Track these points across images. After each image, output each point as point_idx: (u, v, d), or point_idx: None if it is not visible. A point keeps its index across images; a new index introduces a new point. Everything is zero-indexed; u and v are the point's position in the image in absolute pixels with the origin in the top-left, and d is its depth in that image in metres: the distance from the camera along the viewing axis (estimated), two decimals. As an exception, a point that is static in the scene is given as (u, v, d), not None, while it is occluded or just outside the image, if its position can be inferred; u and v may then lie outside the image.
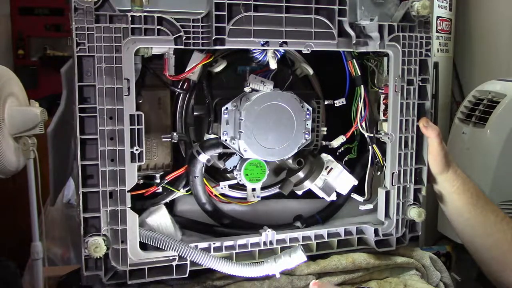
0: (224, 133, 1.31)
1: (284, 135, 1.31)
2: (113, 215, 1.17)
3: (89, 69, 1.13)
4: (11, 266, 1.74)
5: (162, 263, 1.23)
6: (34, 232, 1.53)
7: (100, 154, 1.15)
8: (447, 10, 3.29)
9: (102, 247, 1.15)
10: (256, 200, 1.42)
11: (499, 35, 3.22)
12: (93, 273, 1.19)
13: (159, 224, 1.30)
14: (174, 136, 1.33)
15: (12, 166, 1.47)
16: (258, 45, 1.23)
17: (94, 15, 1.11)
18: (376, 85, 1.47)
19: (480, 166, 2.44)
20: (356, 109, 1.42)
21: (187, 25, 1.17)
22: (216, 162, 1.39)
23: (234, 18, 1.18)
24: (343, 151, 1.49)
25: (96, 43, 1.12)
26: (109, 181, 1.16)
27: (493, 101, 2.48)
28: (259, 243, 1.32)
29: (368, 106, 1.42)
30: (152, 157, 1.33)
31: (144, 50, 1.20)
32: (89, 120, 1.14)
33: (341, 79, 1.45)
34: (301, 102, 1.33)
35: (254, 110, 1.28)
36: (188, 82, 1.36)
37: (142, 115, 1.17)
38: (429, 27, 1.36)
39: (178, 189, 1.35)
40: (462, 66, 3.49)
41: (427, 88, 1.37)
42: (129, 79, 1.15)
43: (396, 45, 1.31)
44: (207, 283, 1.29)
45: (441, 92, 3.23)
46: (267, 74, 1.38)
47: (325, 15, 1.26)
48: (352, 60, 1.38)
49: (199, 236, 1.38)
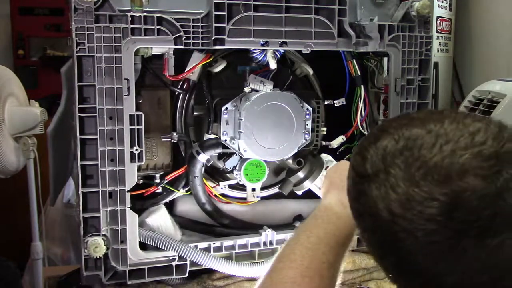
0: (224, 133, 1.31)
1: (284, 135, 1.31)
2: (113, 215, 1.17)
3: (89, 69, 1.13)
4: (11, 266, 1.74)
5: (162, 263, 1.23)
6: (34, 232, 1.52)
7: (100, 154, 1.15)
8: (447, 10, 3.28)
9: (102, 247, 1.15)
10: (256, 200, 1.42)
11: (499, 35, 3.22)
12: (92, 273, 1.19)
13: (159, 224, 1.30)
14: (174, 136, 1.33)
15: (12, 166, 1.47)
16: (258, 45, 1.23)
17: (94, 15, 1.11)
18: (376, 85, 1.47)
19: (480, 166, 2.43)
20: (356, 109, 1.42)
21: (187, 25, 1.17)
22: (216, 162, 1.39)
23: (234, 18, 1.18)
24: (343, 151, 1.49)
25: (96, 43, 1.12)
26: (109, 181, 1.16)
27: (493, 101, 2.47)
28: (259, 243, 1.31)
29: (368, 106, 1.41)
30: (152, 157, 1.33)
31: (144, 50, 1.20)
32: (89, 120, 1.14)
33: (341, 79, 1.45)
34: (301, 102, 1.33)
35: (254, 110, 1.28)
36: (188, 82, 1.36)
37: (142, 115, 1.17)
38: (429, 27, 1.36)
39: (178, 189, 1.35)
40: (462, 66, 3.48)
41: (427, 88, 1.37)
42: (129, 79, 1.15)
43: (396, 45, 1.31)
44: (207, 283, 1.29)
45: (441, 92, 3.22)
46: (267, 74, 1.38)
47: (325, 15, 1.26)
48: (352, 60, 1.38)
49: (199, 236, 1.38)
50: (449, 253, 0.53)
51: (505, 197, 0.52)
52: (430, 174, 0.53)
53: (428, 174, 0.54)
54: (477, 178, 0.52)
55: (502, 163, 0.53)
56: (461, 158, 0.53)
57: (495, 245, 0.52)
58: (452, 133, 0.56)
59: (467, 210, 0.52)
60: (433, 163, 0.54)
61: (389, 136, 0.58)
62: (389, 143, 0.58)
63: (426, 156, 0.55)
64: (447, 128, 0.56)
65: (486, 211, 0.51)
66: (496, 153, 0.53)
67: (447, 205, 0.52)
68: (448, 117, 0.58)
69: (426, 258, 0.54)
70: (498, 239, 0.52)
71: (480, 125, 0.56)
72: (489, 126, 0.56)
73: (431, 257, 0.54)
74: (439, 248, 0.53)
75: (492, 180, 0.52)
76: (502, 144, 0.54)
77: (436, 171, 0.53)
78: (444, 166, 0.53)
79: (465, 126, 0.56)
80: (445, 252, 0.53)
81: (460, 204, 0.52)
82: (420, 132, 0.57)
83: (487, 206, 0.51)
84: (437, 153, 0.54)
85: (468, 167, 0.53)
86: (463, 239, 0.52)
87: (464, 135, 0.55)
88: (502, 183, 0.52)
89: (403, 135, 0.58)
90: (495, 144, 0.54)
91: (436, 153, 0.54)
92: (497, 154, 0.53)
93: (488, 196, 0.51)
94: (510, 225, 0.52)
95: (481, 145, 0.54)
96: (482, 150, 0.53)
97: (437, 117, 0.59)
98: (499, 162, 0.53)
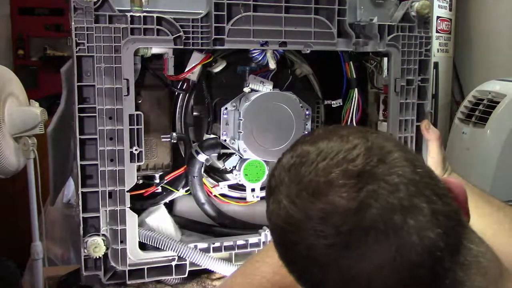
0: (224, 133, 1.31)
1: (283, 135, 1.31)
2: (113, 215, 1.17)
3: (88, 69, 1.13)
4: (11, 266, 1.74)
5: (161, 263, 1.23)
6: (34, 232, 1.53)
7: (100, 154, 1.15)
8: (447, 10, 3.29)
9: (102, 247, 1.15)
10: (255, 200, 1.42)
11: (499, 35, 3.22)
12: (92, 273, 1.19)
13: (159, 224, 1.30)
14: (173, 136, 1.33)
15: (12, 166, 1.47)
16: (258, 45, 1.23)
17: (94, 15, 1.11)
18: (375, 85, 1.47)
19: (480, 166, 2.44)
20: (346, 111, 1.42)
21: (187, 25, 1.17)
22: (216, 162, 1.39)
23: (233, 18, 1.18)
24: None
25: (96, 43, 1.12)
26: (108, 181, 1.16)
27: (493, 101, 2.48)
28: (258, 243, 1.31)
29: (361, 108, 1.42)
30: (151, 157, 1.33)
31: (143, 50, 1.21)
32: (88, 120, 1.14)
33: (340, 80, 1.45)
34: (300, 102, 1.33)
35: (253, 111, 1.28)
36: (187, 82, 1.36)
37: (141, 115, 1.18)
38: (428, 27, 1.36)
39: (177, 189, 1.35)
40: (462, 66, 3.49)
41: (427, 88, 1.37)
42: (129, 79, 1.15)
43: (395, 45, 1.31)
44: (207, 283, 1.29)
45: (441, 92, 3.23)
46: (267, 74, 1.38)
47: (324, 15, 1.26)
48: (349, 61, 1.38)
49: (198, 236, 1.38)
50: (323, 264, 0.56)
51: (364, 212, 0.53)
52: (304, 190, 0.56)
53: (303, 191, 0.56)
54: (339, 195, 0.54)
55: (365, 180, 0.54)
56: (328, 176, 0.55)
57: (357, 256, 0.54)
58: (332, 149, 0.57)
59: (330, 225, 0.54)
60: (307, 180, 0.56)
61: (289, 153, 0.61)
62: (286, 159, 0.61)
63: (303, 174, 0.57)
64: (332, 145, 0.58)
65: (345, 226, 0.53)
66: (360, 171, 0.55)
67: (316, 220, 0.55)
68: (337, 133, 0.60)
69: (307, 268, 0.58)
70: (358, 251, 0.54)
71: (357, 142, 0.57)
72: (366, 142, 0.57)
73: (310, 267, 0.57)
74: (315, 259, 0.56)
75: (352, 197, 0.54)
76: (368, 161, 0.55)
77: (308, 188, 0.56)
78: (314, 184, 0.56)
79: (347, 142, 0.58)
80: (320, 262, 0.56)
81: (325, 220, 0.54)
82: (308, 149, 0.59)
83: (346, 221, 0.54)
84: (312, 170, 0.56)
85: (333, 185, 0.54)
86: (332, 251, 0.55)
87: (340, 152, 0.57)
88: (361, 199, 0.53)
89: (296, 152, 0.60)
90: (362, 161, 0.55)
91: (311, 170, 0.56)
92: (360, 172, 0.55)
93: (347, 212, 0.53)
94: (367, 238, 0.54)
95: (350, 162, 0.55)
96: (348, 168, 0.55)
97: (328, 135, 0.60)
98: (362, 180, 0.54)
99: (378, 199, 0.54)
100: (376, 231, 0.54)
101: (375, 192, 0.54)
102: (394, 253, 0.54)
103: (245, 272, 0.86)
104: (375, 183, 0.54)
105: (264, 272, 0.83)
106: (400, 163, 0.57)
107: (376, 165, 0.55)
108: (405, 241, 0.54)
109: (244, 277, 0.85)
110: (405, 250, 0.54)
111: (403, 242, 0.54)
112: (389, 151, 0.57)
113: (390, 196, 0.54)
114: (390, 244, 0.54)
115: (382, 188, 0.54)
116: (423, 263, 0.55)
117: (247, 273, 0.85)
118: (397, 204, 0.54)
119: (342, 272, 0.56)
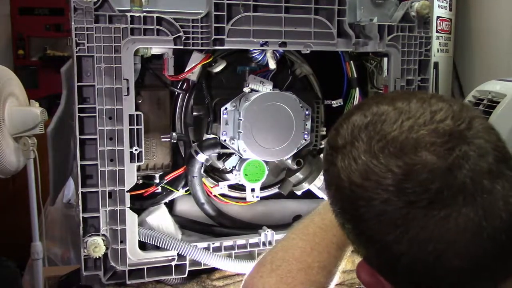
0: (224, 133, 1.31)
1: (283, 136, 1.31)
2: (112, 215, 1.17)
3: (88, 69, 1.13)
4: (11, 266, 1.74)
5: (161, 263, 1.23)
6: (34, 232, 1.53)
7: (100, 154, 1.15)
8: (447, 10, 3.28)
9: (101, 247, 1.15)
10: (255, 200, 1.42)
11: (499, 35, 3.22)
12: (92, 273, 1.19)
13: (159, 223, 1.30)
14: (173, 136, 1.33)
15: (12, 166, 1.47)
16: (258, 45, 1.23)
17: (94, 15, 1.11)
18: (375, 85, 1.47)
19: (480, 166, 2.43)
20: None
21: (187, 25, 1.17)
22: (215, 162, 1.39)
23: (233, 18, 1.18)
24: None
25: (96, 43, 1.12)
26: (108, 181, 1.16)
27: (493, 101, 2.47)
28: (258, 243, 1.32)
29: None
30: (151, 157, 1.33)
31: (143, 50, 1.21)
32: (88, 120, 1.14)
33: (341, 80, 1.45)
34: (300, 102, 1.33)
35: (253, 111, 1.28)
36: (187, 82, 1.36)
37: (141, 115, 1.18)
38: (428, 27, 1.36)
39: (177, 189, 1.35)
40: (462, 66, 3.48)
41: (427, 88, 1.37)
42: (129, 79, 1.15)
43: (395, 45, 1.31)
44: (206, 283, 1.29)
45: (441, 92, 3.22)
46: (267, 75, 1.38)
47: (324, 15, 1.26)
48: (349, 61, 1.38)
49: (198, 236, 1.38)
50: (399, 222, 0.55)
51: (455, 173, 0.53)
52: (387, 147, 0.56)
53: (386, 147, 0.57)
54: (429, 153, 0.54)
55: (456, 140, 0.55)
56: (417, 134, 0.56)
57: (441, 217, 0.54)
58: (415, 110, 0.58)
59: (416, 182, 0.54)
60: (391, 137, 0.57)
61: (360, 112, 0.62)
62: (358, 118, 0.62)
63: (386, 131, 0.58)
64: (412, 106, 0.59)
65: (434, 184, 0.53)
66: (451, 131, 0.55)
67: (400, 176, 0.55)
68: (416, 96, 0.61)
69: (379, 226, 0.57)
70: (444, 212, 0.54)
71: (442, 105, 0.58)
72: (452, 106, 0.58)
73: (383, 225, 0.57)
74: (391, 217, 0.56)
75: (443, 156, 0.54)
76: (459, 123, 0.56)
77: (393, 144, 0.56)
78: (400, 140, 0.56)
79: (429, 105, 0.59)
80: (396, 221, 0.55)
81: (411, 176, 0.54)
82: (386, 109, 0.60)
83: (435, 180, 0.53)
84: (397, 128, 0.57)
85: (422, 142, 0.55)
86: (412, 209, 0.54)
87: (425, 112, 0.58)
88: (453, 159, 0.54)
89: (371, 111, 0.61)
90: (452, 122, 0.56)
91: (396, 128, 0.57)
92: (451, 132, 0.55)
93: (437, 170, 0.54)
94: (456, 199, 0.53)
95: (439, 122, 0.56)
96: (438, 127, 0.56)
97: (406, 96, 0.61)
98: (453, 140, 0.55)
99: (469, 160, 0.54)
100: (465, 193, 0.53)
101: (466, 153, 0.54)
102: (480, 217, 0.54)
103: (283, 247, 0.87)
104: (466, 145, 0.55)
105: (302, 246, 0.84)
106: (485, 129, 0.57)
107: (467, 128, 0.56)
108: (492, 206, 0.54)
109: (285, 252, 0.85)
110: (492, 215, 0.54)
111: (491, 207, 0.54)
112: (474, 116, 0.58)
113: (480, 159, 0.54)
114: (477, 207, 0.54)
115: (472, 150, 0.55)
116: (506, 229, 0.55)
117: (286, 247, 0.86)
118: (486, 168, 0.55)
119: (418, 233, 0.55)
